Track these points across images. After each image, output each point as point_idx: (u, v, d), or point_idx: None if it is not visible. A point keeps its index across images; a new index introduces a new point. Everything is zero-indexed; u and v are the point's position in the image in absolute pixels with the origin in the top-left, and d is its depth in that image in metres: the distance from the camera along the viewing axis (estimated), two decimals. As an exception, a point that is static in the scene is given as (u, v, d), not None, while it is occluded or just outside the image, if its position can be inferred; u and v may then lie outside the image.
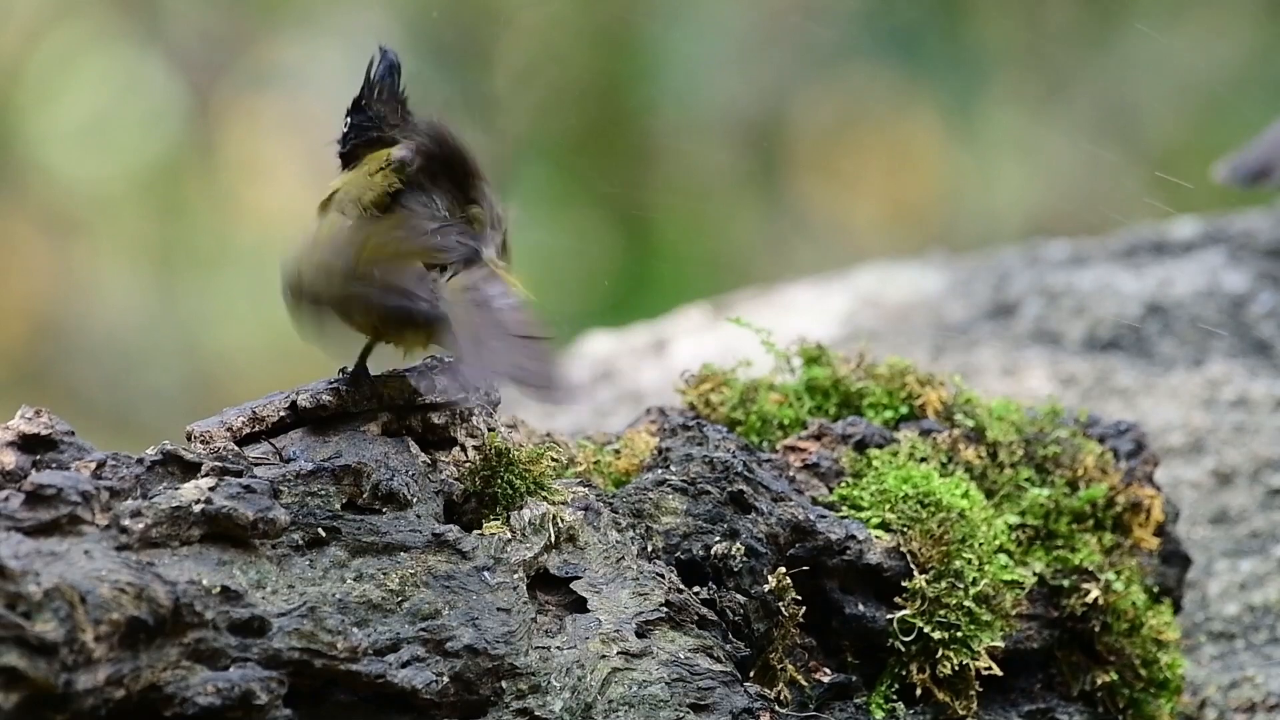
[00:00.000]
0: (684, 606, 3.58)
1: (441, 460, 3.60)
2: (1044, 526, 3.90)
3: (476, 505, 3.60)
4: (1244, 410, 4.82)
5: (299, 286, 3.57)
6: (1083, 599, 3.86)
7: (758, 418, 3.92)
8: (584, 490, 3.67)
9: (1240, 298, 5.22)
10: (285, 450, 3.53)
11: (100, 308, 9.17)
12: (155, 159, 9.20)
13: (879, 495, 3.81)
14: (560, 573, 3.57)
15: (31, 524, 3.29)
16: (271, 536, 3.40)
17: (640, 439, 3.82)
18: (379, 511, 3.50)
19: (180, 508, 3.36)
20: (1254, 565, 4.44)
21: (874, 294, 5.59)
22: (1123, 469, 3.97)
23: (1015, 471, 3.91)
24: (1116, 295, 5.29)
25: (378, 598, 3.42)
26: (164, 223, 9.12)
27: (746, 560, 3.67)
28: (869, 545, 3.75)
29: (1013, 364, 5.12)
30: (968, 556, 3.77)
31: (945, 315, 5.43)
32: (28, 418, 3.46)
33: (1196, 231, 5.55)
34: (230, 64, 9.19)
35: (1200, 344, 5.11)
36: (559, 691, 3.47)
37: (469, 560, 3.50)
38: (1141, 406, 4.88)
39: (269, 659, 3.32)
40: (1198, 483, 4.64)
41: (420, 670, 3.40)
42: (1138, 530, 3.94)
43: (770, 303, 5.63)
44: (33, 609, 3.17)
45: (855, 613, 3.74)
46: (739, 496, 3.71)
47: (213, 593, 3.32)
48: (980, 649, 3.75)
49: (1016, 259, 5.65)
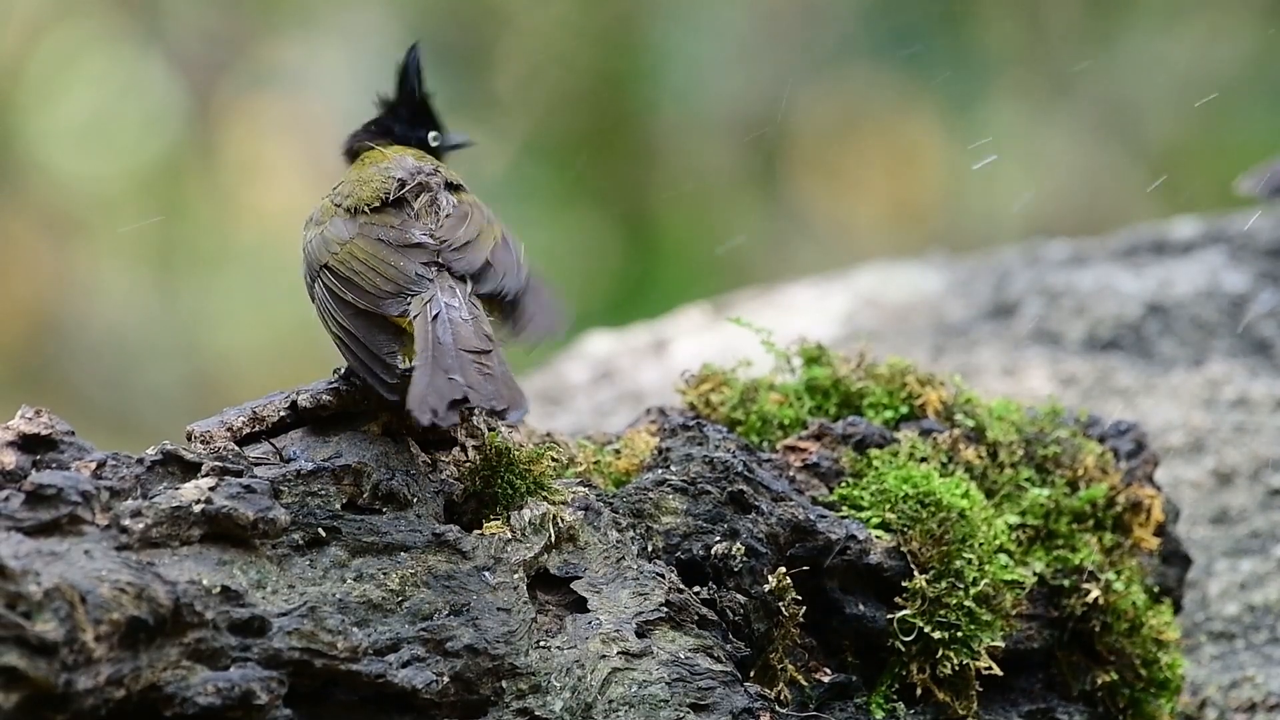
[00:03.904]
0: (684, 606, 3.58)
1: (442, 460, 3.60)
2: (1044, 526, 3.90)
3: (476, 505, 3.60)
4: (1244, 410, 4.82)
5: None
6: (1083, 599, 3.86)
7: (758, 418, 3.92)
8: (584, 490, 3.67)
9: (1240, 298, 5.22)
10: (285, 450, 3.53)
11: (100, 307, 9.17)
12: (155, 159, 9.20)
13: (879, 495, 3.81)
14: (560, 573, 3.57)
15: (32, 524, 3.29)
16: (272, 536, 3.40)
17: (640, 439, 3.82)
18: (379, 511, 3.50)
19: (180, 508, 3.36)
20: (1254, 565, 4.44)
21: (874, 294, 5.60)
22: (1123, 469, 3.97)
23: (1015, 471, 3.91)
24: (1116, 295, 5.29)
25: (378, 598, 3.42)
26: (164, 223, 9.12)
27: (747, 560, 3.67)
28: (869, 545, 3.75)
29: (1013, 364, 5.12)
30: (968, 556, 3.77)
31: (945, 315, 5.43)
32: (28, 418, 3.46)
33: (1196, 231, 5.55)
34: (230, 64, 9.19)
35: (1200, 344, 5.11)
36: (559, 691, 3.47)
37: (469, 560, 3.50)
38: (1141, 406, 4.88)
39: (269, 659, 3.32)
40: (1198, 483, 4.64)
41: (420, 670, 3.40)
42: (1138, 530, 3.94)
43: (770, 303, 5.63)
44: (33, 609, 3.17)
45: (855, 613, 3.74)
46: (739, 496, 3.71)
47: (213, 593, 3.32)
48: (980, 649, 3.75)
49: (1016, 259, 5.65)
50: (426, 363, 3.41)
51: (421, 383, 3.38)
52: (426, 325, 3.45)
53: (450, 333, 3.44)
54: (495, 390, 3.39)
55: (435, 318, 3.47)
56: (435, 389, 3.37)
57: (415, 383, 3.39)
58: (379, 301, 3.52)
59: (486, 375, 3.40)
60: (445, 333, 3.44)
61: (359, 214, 3.63)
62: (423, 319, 3.47)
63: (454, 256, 3.58)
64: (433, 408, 3.35)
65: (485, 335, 3.46)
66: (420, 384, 3.38)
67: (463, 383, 3.38)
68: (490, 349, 3.44)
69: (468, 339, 3.44)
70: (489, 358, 3.42)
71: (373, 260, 3.56)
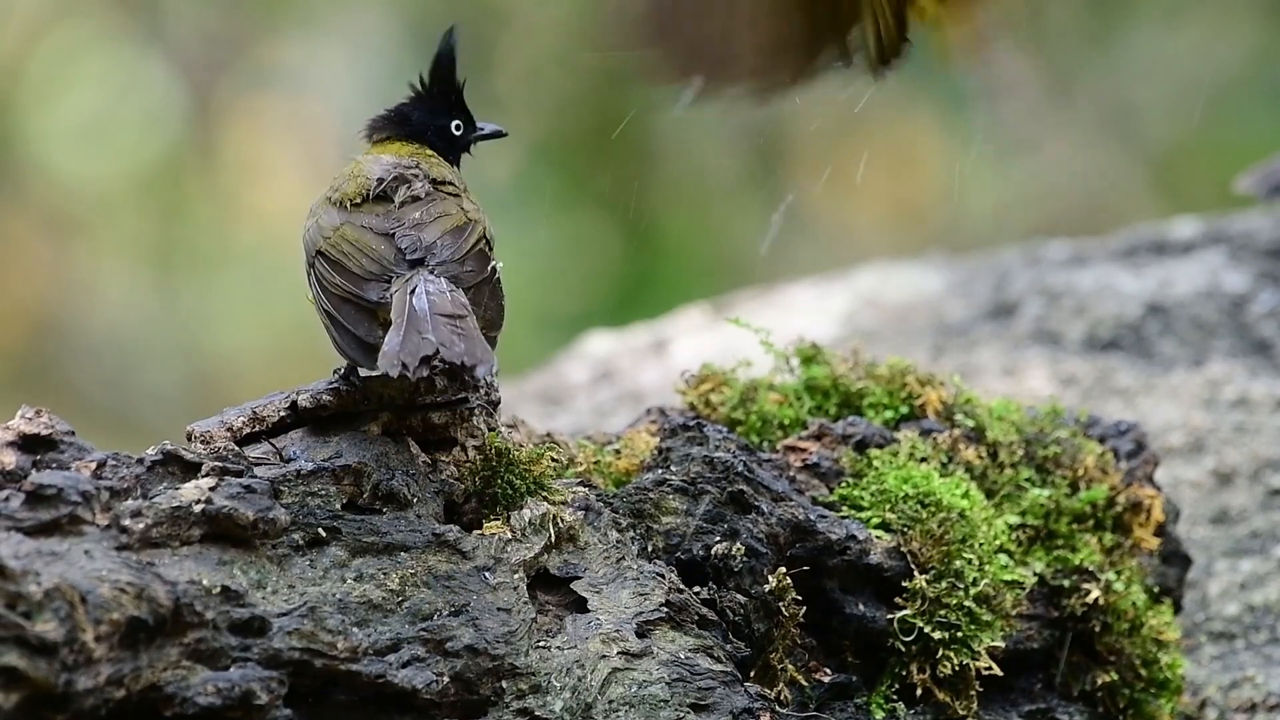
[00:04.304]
0: (684, 606, 3.58)
1: (442, 460, 3.60)
2: (1044, 526, 3.90)
3: (477, 505, 3.60)
4: (1244, 410, 4.82)
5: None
6: (1083, 599, 3.86)
7: (758, 418, 3.92)
8: (584, 490, 3.67)
9: (1240, 298, 5.22)
10: (285, 450, 3.53)
11: (100, 308, 9.17)
12: (155, 159, 9.20)
13: (879, 495, 3.81)
14: (560, 573, 3.57)
15: (32, 524, 3.29)
16: (272, 536, 3.40)
17: (640, 439, 3.82)
18: (379, 511, 3.50)
19: (180, 508, 3.36)
20: (1254, 565, 4.44)
21: (874, 294, 5.60)
22: (1123, 469, 3.97)
23: (1015, 472, 3.91)
24: (1116, 295, 5.29)
25: (378, 598, 3.42)
26: (164, 223, 9.12)
27: (747, 560, 3.67)
28: (869, 545, 3.75)
29: (1013, 364, 5.12)
30: (968, 556, 3.77)
31: (945, 315, 5.43)
32: (28, 418, 3.46)
33: (1196, 231, 5.55)
34: (230, 64, 9.19)
35: (1200, 344, 5.11)
36: (559, 691, 3.47)
37: (469, 560, 3.50)
38: (1141, 406, 4.88)
39: (269, 659, 3.32)
40: (1198, 483, 4.64)
41: (420, 670, 3.40)
42: (1138, 530, 3.94)
43: (770, 303, 5.63)
44: (33, 609, 3.17)
45: (855, 613, 3.74)
46: (739, 496, 3.71)
47: (213, 593, 3.32)
48: (980, 649, 3.75)
49: (1016, 259, 5.65)
50: (400, 325, 3.47)
51: (394, 340, 3.45)
52: (405, 297, 3.52)
53: (425, 301, 3.50)
54: (466, 348, 3.44)
55: (413, 291, 3.53)
56: (407, 346, 3.43)
57: (388, 341, 3.45)
58: (363, 284, 3.56)
59: (459, 334, 3.45)
60: (421, 301, 3.51)
61: (346, 206, 3.67)
62: (401, 293, 3.53)
63: (401, 233, 3.62)
64: (403, 361, 3.41)
65: (461, 304, 3.52)
66: (393, 342, 3.45)
67: (434, 340, 3.43)
68: (465, 315, 3.50)
69: (443, 306, 3.50)
70: (463, 322, 3.48)
71: (359, 244, 3.61)
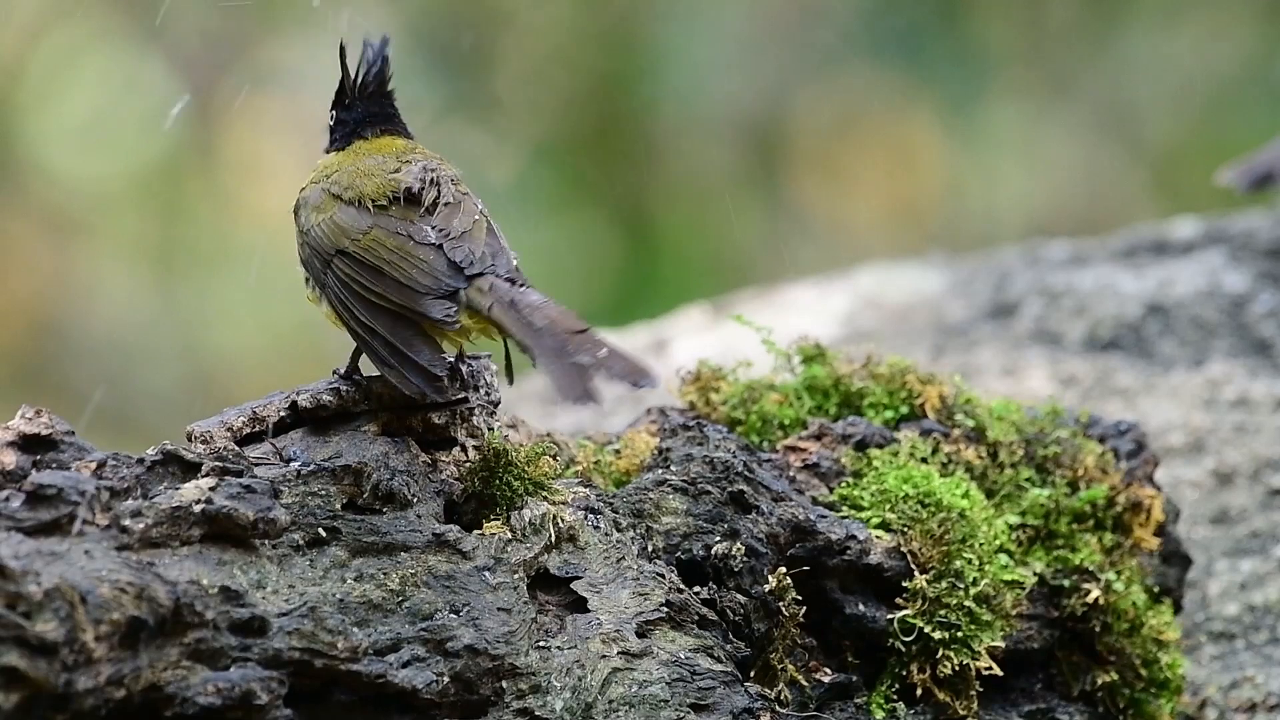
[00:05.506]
0: (684, 606, 3.58)
1: (442, 460, 3.60)
2: (1044, 526, 3.90)
3: (477, 505, 3.60)
4: (1244, 410, 4.82)
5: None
6: (1083, 599, 3.86)
7: (758, 418, 3.92)
8: (584, 490, 3.67)
9: (1240, 298, 5.22)
10: (285, 450, 3.53)
11: (100, 308, 9.17)
12: (155, 159, 9.20)
13: (879, 495, 3.81)
14: (560, 573, 3.57)
15: (32, 524, 3.29)
16: (272, 536, 3.40)
17: (640, 439, 3.82)
18: (379, 511, 3.50)
19: (180, 508, 3.36)
20: (1254, 565, 4.44)
21: (874, 294, 5.60)
22: (1123, 469, 3.97)
23: (1015, 471, 3.91)
24: (1116, 295, 5.29)
25: (378, 598, 3.42)
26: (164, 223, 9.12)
27: (747, 560, 3.67)
28: (869, 545, 3.75)
29: (1013, 364, 5.12)
30: (968, 556, 3.77)
31: (945, 315, 5.43)
32: (28, 418, 3.46)
33: (1196, 231, 5.55)
34: (230, 64, 9.19)
35: (1200, 344, 5.11)
36: (559, 691, 3.47)
37: (469, 560, 3.50)
38: (1141, 406, 4.88)
39: (269, 659, 3.32)
40: (1198, 483, 4.64)
41: (420, 670, 3.40)
42: (1138, 530, 3.94)
43: (771, 303, 5.63)
44: (33, 609, 3.17)
45: (855, 613, 3.74)
46: (739, 496, 3.71)
47: (213, 593, 3.32)
48: (980, 649, 3.75)
49: (1016, 259, 5.65)
50: (544, 352, 3.43)
51: (557, 374, 3.40)
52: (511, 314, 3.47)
53: (541, 316, 3.46)
54: (625, 365, 3.41)
55: (512, 303, 3.48)
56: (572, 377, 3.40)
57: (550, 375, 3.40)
58: (416, 298, 3.52)
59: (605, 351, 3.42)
60: (536, 317, 3.46)
61: (368, 206, 3.62)
62: (500, 307, 3.48)
63: (451, 245, 3.58)
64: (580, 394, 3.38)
65: (572, 314, 3.48)
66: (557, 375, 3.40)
67: (591, 362, 3.40)
68: (587, 326, 3.46)
69: (564, 322, 3.46)
70: (589, 335, 3.44)
71: (403, 251, 3.55)
